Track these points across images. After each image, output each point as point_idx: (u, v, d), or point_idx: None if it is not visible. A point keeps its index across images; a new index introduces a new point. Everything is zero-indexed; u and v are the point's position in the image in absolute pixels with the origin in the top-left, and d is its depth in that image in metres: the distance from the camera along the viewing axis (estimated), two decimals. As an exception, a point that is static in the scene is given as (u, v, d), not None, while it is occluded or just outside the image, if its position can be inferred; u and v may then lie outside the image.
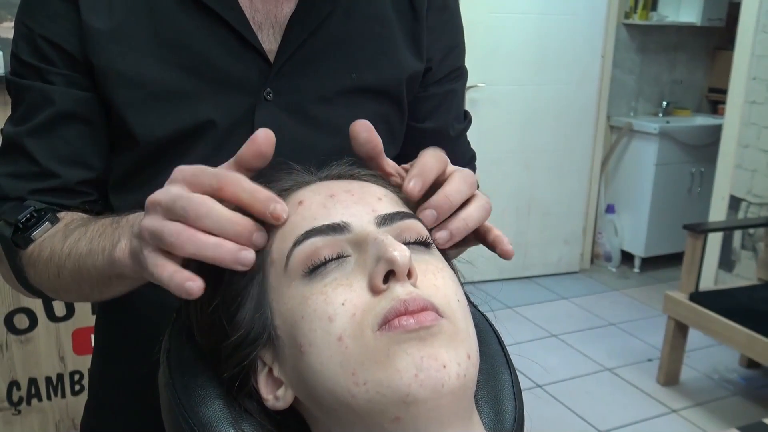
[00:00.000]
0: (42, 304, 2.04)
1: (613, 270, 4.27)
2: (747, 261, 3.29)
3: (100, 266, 0.60)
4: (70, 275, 0.64)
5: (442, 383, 0.46)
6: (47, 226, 0.69)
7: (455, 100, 0.89)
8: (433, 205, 0.54)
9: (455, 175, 0.56)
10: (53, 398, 2.11)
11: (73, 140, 0.74)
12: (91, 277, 0.62)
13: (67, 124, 0.73)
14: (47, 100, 0.72)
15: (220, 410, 0.54)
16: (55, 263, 0.66)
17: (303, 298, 0.50)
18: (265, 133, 0.51)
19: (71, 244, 0.64)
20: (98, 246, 0.60)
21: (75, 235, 0.65)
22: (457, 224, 0.55)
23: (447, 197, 0.54)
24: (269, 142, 0.51)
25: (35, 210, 0.70)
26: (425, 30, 0.83)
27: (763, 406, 2.79)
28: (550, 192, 4.02)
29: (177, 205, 0.48)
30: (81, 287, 0.65)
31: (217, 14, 0.73)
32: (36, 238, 0.69)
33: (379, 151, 0.57)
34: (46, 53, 0.72)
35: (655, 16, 4.12)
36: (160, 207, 0.49)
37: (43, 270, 0.68)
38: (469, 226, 0.55)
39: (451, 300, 0.50)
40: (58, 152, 0.73)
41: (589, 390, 2.90)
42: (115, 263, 0.56)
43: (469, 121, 0.93)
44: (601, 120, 4.10)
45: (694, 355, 3.13)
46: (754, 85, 3.20)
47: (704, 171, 4.10)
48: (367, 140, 0.56)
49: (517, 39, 3.70)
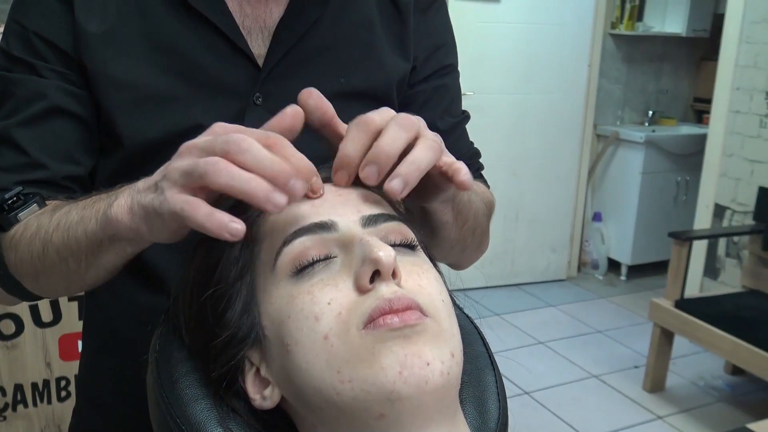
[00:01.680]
0: (29, 310, 2.03)
1: (600, 278, 4.30)
2: (731, 268, 3.32)
3: (91, 231, 0.58)
4: (56, 250, 0.62)
5: (426, 380, 0.47)
6: (34, 207, 0.68)
7: (445, 96, 0.88)
8: (370, 160, 0.52)
9: (389, 124, 0.53)
10: (39, 404, 2.10)
11: (64, 134, 0.74)
12: (80, 247, 0.60)
13: (58, 118, 0.73)
14: (40, 93, 0.72)
15: (207, 410, 0.54)
16: (41, 238, 0.64)
17: (290, 298, 0.50)
18: (294, 110, 0.53)
19: (60, 216, 0.63)
20: (91, 211, 0.59)
21: (64, 209, 0.64)
22: (406, 168, 0.51)
23: (383, 147, 0.51)
24: (297, 118, 0.53)
25: (22, 192, 0.68)
26: (411, 31, 0.84)
27: (747, 412, 2.81)
28: (537, 200, 4.04)
29: (218, 141, 0.48)
30: (66, 263, 0.62)
31: (207, 19, 0.74)
32: (22, 218, 0.67)
33: (331, 115, 0.57)
34: (39, 50, 0.72)
35: (641, 27, 4.17)
36: (196, 149, 0.49)
37: (25, 250, 0.65)
38: (420, 168, 0.51)
39: (436, 300, 0.51)
40: (47, 144, 0.73)
41: (576, 397, 2.91)
42: (109, 222, 0.56)
43: (465, 117, 0.91)
44: (587, 129, 4.13)
45: (680, 362, 3.15)
46: (737, 95, 3.24)
47: (689, 180, 4.14)
48: (316, 107, 0.56)
49: (506, 48, 3.73)
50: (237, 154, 0.47)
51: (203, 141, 0.49)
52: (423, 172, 0.52)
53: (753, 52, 3.17)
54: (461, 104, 0.92)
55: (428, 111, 0.87)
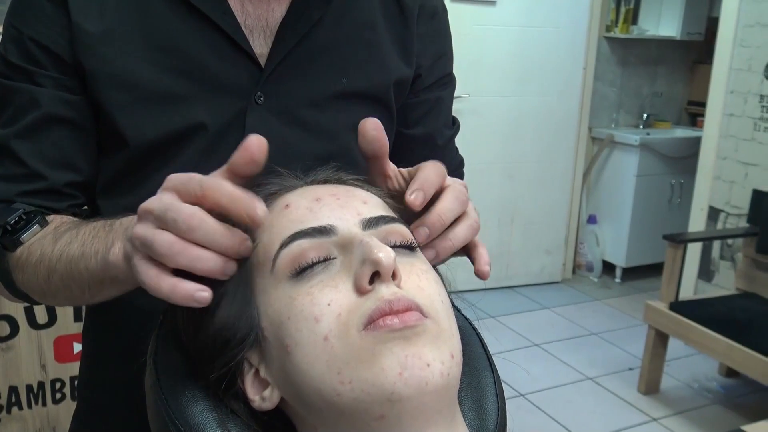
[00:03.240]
0: (24, 312, 2.02)
1: (595, 280, 4.31)
2: (726, 271, 3.34)
3: (93, 269, 0.60)
4: (60, 279, 0.64)
5: (426, 381, 0.47)
6: (36, 228, 0.69)
7: (444, 107, 0.91)
8: (426, 224, 0.56)
9: (448, 193, 0.58)
10: (34, 406, 2.09)
11: (61, 143, 0.74)
12: (83, 280, 0.62)
13: (54, 127, 0.73)
14: (34, 102, 0.72)
15: (206, 411, 0.54)
16: (45, 266, 0.65)
17: (289, 300, 0.50)
18: (258, 140, 0.50)
19: (62, 247, 0.64)
20: (91, 249, 0.60)
21: (66, 238, 0.65)
22: (443, 244, 0.57)
23: (440, 216, 0.56)
24: (261, 148, 0.50)
25: (24, 212, 0.70)
26: (415, 37, 0.84)
27: (742, 414, 2.82)
28: (532, 202, 4.05)
29: (168, 215, 0.49)
30: (71, 290, 0.64)
31: (209, 18, 0.74)
32: (25, 241, 0.69)
33: (385, 151, 0.58)
34: (34, 55, 0.72)
35: (636, 30, 4.18)
36: (152, 216, 0.50)
37: (32, 273, 0.67)
38: (455, 246, 0.58)
39: (435, 301, 0.51)
40: (45, 154, 0.73)
41: (571, 399, 2.91)
42: (109, 266, 0.57)
43: (457, 127, 0.94)
44: (582, 131, 4.15)
45: (675, 364, 3.16)
46: (732, 99, 3.26)
47: (684, 182, 4.15)
48: (375, 138, 0.57)
49: (501, 51, 3.74)
50: (188, 232, 0.48)
51: (158, 208, 0.50)
52: (456, 250, 0.58)
53: (747, 56, 3.18)
54: (452, 112, 0.95)
55: (430, 123, 0.88)
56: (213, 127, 0.75)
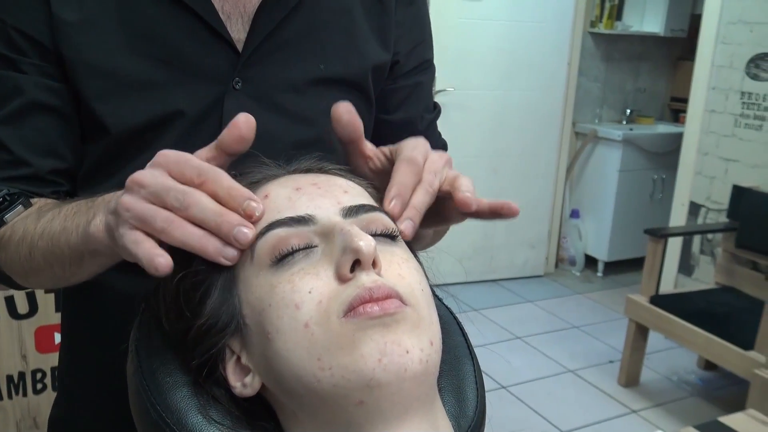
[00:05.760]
0: (4, 302, 2.01)
1: (577, 274, 4.34)
2: (705, 265, 3.38)
3: (73, 243, 0.60)
4: (42, 255, 0.64)
5: (405, 368, 0.47)
6: (20, 209, 0.70)
7: (424, 92, 0.91)
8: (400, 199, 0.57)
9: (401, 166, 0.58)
10: (14, 397, 2.08)
11: (45, 130, 0.74)
12: (64, 255, 0.62)
13: (38, 114, 0.73)
14: (18, 89, 0.72)
15: (188, 397, 0.55)
16: (28, 243, 0.66)
17: (270, 287, 0.51)
18: (246, 118, 0.52)
19: (44, 224, 0.64)
20: (72, 223, 0.61)
21: (48, 216, 0.65)
22: (409, 213, 0.57)
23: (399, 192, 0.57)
24: (250, 126, 0.53)
25: (8, 194, 0.70)
26: (393, 23, 0.85)
27: (719, 406, 2.86)
28: (516, 196, 4.06)
29: (171, 194, 0.49)
30: (52, 268, 0.65)
31: (186, 4, 0.74)
32: (8, 220, 0.69)
33: (360, 134, 0.59)
34: (18, 44, 0.72)
35: (620, 26, 4.21)
36: (144, 190, 0.50)
37: (14, 252, 0.68)
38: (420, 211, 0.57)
39: (415, 289, 0.52)
40: (29, 141, 0.73)
41: (552, 391, 2.94)
42: (89, 239, 0.57)
43: (438, 111, 0.94)
44: (566, 126, 4.17)
45: (654, 357, 3.20)
46: (713, 95, 3.29)
47: (666, 178, 4.19)
48: (349, 122, 0.58)
49: (486, 45, 3.75)
50: (185, 210, 0.49)
51: (153, 184, 0.50)
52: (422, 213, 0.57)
53: (729, 53, 3.22)
54: (433, 97, 0.95)
55: (410, 108, 0.89)
56: (190, 114, 0.75)
